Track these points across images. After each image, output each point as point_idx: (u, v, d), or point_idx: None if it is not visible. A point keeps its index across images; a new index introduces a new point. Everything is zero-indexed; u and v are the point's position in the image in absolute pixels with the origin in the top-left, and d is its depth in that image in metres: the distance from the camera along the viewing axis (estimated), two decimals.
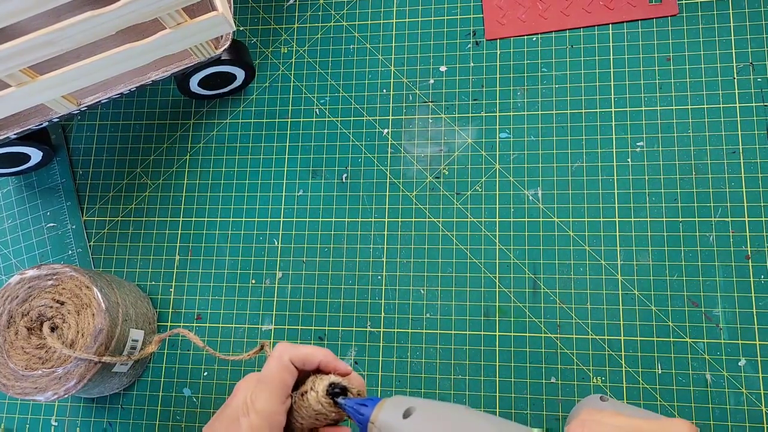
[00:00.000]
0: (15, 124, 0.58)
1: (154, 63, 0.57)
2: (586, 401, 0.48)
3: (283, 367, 0.37)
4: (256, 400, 0.36)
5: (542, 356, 0.55)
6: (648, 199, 0.57)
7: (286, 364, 0.37)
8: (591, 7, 0.62)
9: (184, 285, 0.62)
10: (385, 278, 0.59)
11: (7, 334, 0.53)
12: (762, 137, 0.57)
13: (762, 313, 0.53)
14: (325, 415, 0.37)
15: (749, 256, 0.54)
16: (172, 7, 0.48)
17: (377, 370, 0.57)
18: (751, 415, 0.51)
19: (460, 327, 0.57)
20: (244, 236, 0.62)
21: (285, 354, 0.37)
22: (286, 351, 0.37)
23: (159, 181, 0.65)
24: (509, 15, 0.63)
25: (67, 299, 0.53)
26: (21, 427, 0.61)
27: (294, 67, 0.66)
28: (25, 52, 0.47)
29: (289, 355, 0.37)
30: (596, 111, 0.59)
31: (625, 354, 0.54)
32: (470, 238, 0.59)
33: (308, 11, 0.67)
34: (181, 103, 0.67)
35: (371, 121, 0.63)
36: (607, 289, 0.56)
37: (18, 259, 0.66)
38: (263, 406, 0.36)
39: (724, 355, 0.53)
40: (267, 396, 0.36)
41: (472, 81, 0.62)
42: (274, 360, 0.37)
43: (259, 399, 0.36)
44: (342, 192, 0.62)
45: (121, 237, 0.64)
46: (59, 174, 0.67)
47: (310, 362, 0.38)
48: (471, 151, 0.61)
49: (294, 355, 0.37)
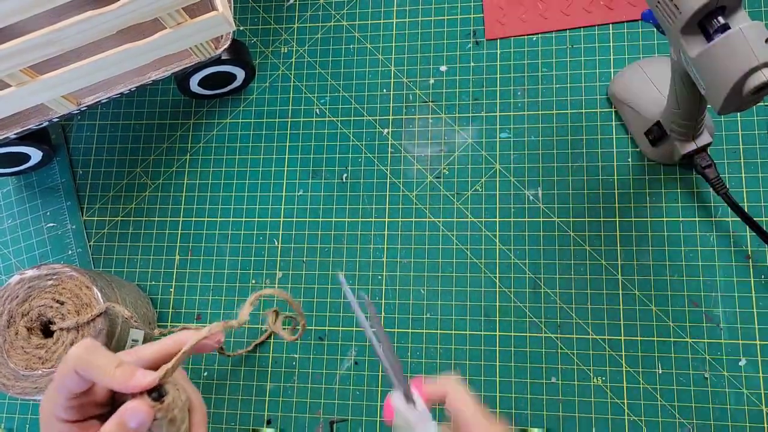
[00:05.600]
0: (15, 124, 0.58)
1: (154, 63, 0.57)
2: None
3: (66, 373, 0.33)
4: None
5: (542, 356, 0.55)
6: (648, 199, 0.57)
7: (69, 372, 0.32)
8: (591, 7, 0.62)
9: (184, 285, 0.62)
10: (385, 278, 0.59)
11: (7, 334, 0.53)
12: (762, 137, 0.57)
13: (762, 313, 0.53)
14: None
15: (749, 256, 0.54)
16: (172, 7, 0.48)
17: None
18: (751, 415, 0.51)
19: (460, 327, 0.57)
20: (244, 236, 0.62)
21: (72, 363, 0.32)
22: (76, 359, 0.32)
23: (159, 181, 0.65)
24: (509, 15, 0.63)
25: (67, 299, 0.53)
26: (21, 427, 0.61)
27: (294, 67, 0.66)
28: (25, 52, 0.47)
29: (76, 365, 0.32)
30: (596, 111, 0.59)
31: (626, 354, 0.54)
32: (470, 238, 0.59)
33: (308, 11, 0.67)
34: (181, 103, 0.67)
35: (371, 121, 0.63)
36: (608, 289, 0.56)
37: (18, 259, 0.66)
38: (41, 403, 0.34)
39: (725, 355, 0.53)
40: (46, 393, 0.34)
41: (472, 81, 0.62)
42: (62, 362, 0.33)
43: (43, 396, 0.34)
44: (342, 192, 0.62)
45: (121, 237, 0.64)
46: (59, 174, 0.67)
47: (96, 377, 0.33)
48: (471, 151, 0.61)
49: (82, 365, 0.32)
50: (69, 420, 0.33)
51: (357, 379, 0.57)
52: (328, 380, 0.58)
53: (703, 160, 0.53)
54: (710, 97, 0.41)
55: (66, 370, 0.32)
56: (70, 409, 0.33)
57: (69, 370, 0.32)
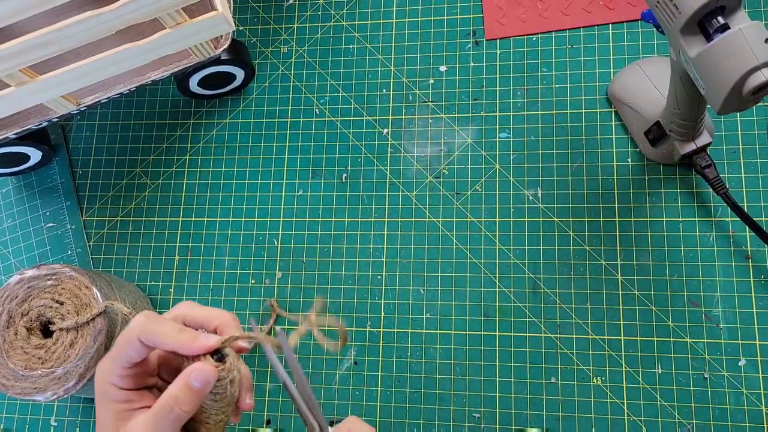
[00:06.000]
0: (15, 124, 0.58)
1: (154, 63, 0.57)
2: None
3: (126, 342, 0.34)
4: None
5: (542, 356, 0.55)
6: (648, 199, 0.57)
7: (131, 340, 0.34)
8: (591, 7, 0.62)
9: (184, 285, 0.62)
10: (385, 278, 0.59)
11: (7, 334, 0.53)
12: (762, 137, 0.57)
13: (762, 313, 0.53)
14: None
15: (749, 256, 0.54)
16: (171, 7, 0.48)
17: (377, 370, 0.57)
18: (751, 415, 0.51)
19: (460, 327, 0.57)
20: (244, 236, 0.62)
21: (136, 331, 0.34)
22: (138, 328, 0.34)
23: (159, 181, 0.65)
24: (509, 15, 0.63)
25: (67, 299, 0.53)
26: (21, 427, 0.61)
27: (294, 67, 0.66)
28: (25, 52, 0.47)
29: (139, 334, 0.34)
30: (596, 111, 0.59)
31: (625, 354, 0.54)
32: (470, 238, 0.59)
33: (308, 11, 0.67)
34: (181, 103, 0.67)
35: (371, 121, 0.63)
36: (607, 289, 0.56)
37: (17, 259, 0.66)
38: (97, 372, 0.35)
39: (724, 355, 0.53)
40: (101, 363, 0.35)
41: (472, 81, 0.62)
42: (123, 333, 0.35)
43: (98, 366, 0.36)
44: (342, 192, 0.62)
45: (120, 237, 0.64)
46: (59, 174, 0.67)
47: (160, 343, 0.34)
48: (471, 151, 0.61)
49: (146, 333, 0.34)
50: (125, 388, 0.35)
51: (356, 379, 0.57)
52: (327, 380, 0.58)
53: (703, 160, 0.53)
54: (710, 97, 0.41)
55: (128, 339, 0.34)
56: (126, 378, 0.35)
57: (132, 338, 0.34)
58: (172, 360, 0.38)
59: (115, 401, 0.35)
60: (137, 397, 0.35)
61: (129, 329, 0.34)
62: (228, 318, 0.36)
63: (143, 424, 0.34)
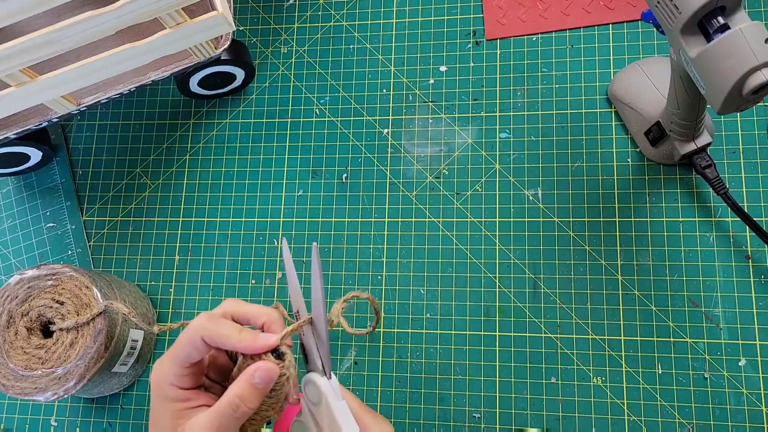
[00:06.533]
0: (15, 124, 0.58)
1: (154, 63, 0.57)
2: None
3: (188, 342, 0.35)
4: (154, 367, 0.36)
5: (542, 356, 0.55)
6: (648, 199, 0.57)
7: (194, 341, 0.35)
8: (591, 7, 0.62)
9: (184, 285, 0.62)
10: (385, 278, 0.59)
11: (7, 334, 0.53)
12: (762, 137, 0.57)
13: (762, 313, 0.53)
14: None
15: (749, 256, 0.54)
16: (172, 7, 0.48)
17: (377, 370, 0.57)
18: (751, 415, 0.51)
19: (460, 327, 0.57)
20: (244, 236, 0.62)
21: (199, 332, 0.35)
22: (201, 328, 0.35)
23: (159, 181, 0.65)
24: (509, 15, 0.63)
25: (67, 299, 0.53)
26: (21, 427, 0.61)
27: (294, 67, 0.66)
28: (25, 52, 0.47)
29: (203, 334, 0.35)
30: (596, 111, 0.59)
31: (625, 354, 0.54)
32: (470, 238, 0.59)
33: (308, 11, 0.67)
34: (181, 103, 0.67)
35: (371, 121, 0.63)
36: (607, 289, 0.56)
37: (18, 259, 0.66)
38: (154, 372, 0.36)
39: (725, 355, 0.53)
40: (159, 363, 0.36)
41: (472, 81, 0.62)
42: (184, 333, 0.36)
43: (155, 366, 0.36)
44: (342, 192, 0.62)
45: (120, 237, 0.64)
46: (59, 174, 0.67)
47: (222, 343, 0.36)
48: (471, 151, 0.61)
49: (209, 332, 0.35)
50: (182, 387, 0.36)
51: (356, 379, 0.57)
52: None
53: (703, 160, 0.53)
54: (710, 97, 0.41)
55: (191, 338, 0.35)
56: (183, 377, 0.36)
57: (195, 338, 0.35)
58: (218, 359, 0.39)
59: (174, 400, 0.36)
60: (194, 396, 0.36)
61: (191, 329, 0.35)
62: (275, 315, 0.38)
63: (205, 422, 0.35)
